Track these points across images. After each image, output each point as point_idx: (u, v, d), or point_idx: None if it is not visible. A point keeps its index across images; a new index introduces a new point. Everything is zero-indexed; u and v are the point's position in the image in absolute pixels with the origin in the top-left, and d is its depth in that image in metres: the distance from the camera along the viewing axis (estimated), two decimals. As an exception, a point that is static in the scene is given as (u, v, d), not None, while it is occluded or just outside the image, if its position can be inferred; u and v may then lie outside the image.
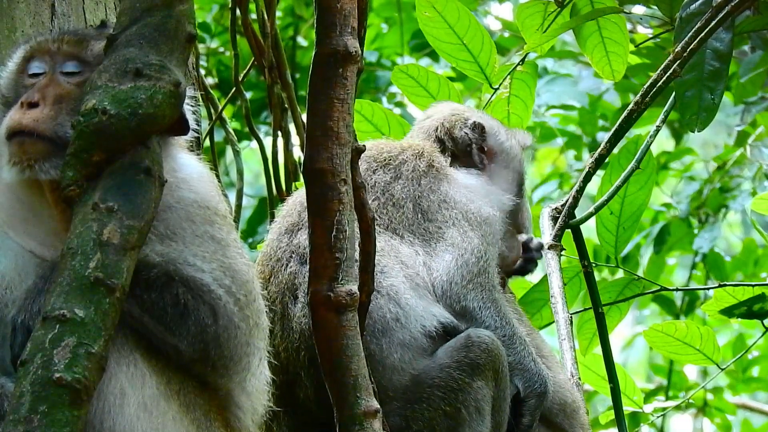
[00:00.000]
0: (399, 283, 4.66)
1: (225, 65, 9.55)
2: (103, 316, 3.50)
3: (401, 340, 4.63)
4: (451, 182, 5.07)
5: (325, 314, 3.99)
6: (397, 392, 4.60)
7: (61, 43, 3.99)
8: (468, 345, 4.63)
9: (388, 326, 4.60)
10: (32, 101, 3.85)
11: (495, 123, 5.41)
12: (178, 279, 3.78)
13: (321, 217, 3.99)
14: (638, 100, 5.58)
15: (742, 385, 10.36)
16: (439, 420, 4.58)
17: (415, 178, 5.01)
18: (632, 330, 13.40)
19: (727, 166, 9.67)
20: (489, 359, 4.61)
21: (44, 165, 3.80)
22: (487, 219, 4.99)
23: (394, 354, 4.61)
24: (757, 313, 5.73)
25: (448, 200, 4.98)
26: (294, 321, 4.68)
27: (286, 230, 4.92)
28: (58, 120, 3.82)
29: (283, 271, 4.78)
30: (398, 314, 4.64)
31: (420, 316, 4.66)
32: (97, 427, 3.63)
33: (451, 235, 4.88)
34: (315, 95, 4.02)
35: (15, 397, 3.42)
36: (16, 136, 3.83)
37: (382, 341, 4.58)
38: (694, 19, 5.41)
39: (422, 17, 5.82)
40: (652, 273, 9.42)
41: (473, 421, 4.59)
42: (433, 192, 5.00)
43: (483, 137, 5.29)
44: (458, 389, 4.59)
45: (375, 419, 3.95)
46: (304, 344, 4.64)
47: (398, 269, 4.67)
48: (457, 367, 4.60)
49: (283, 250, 4.85)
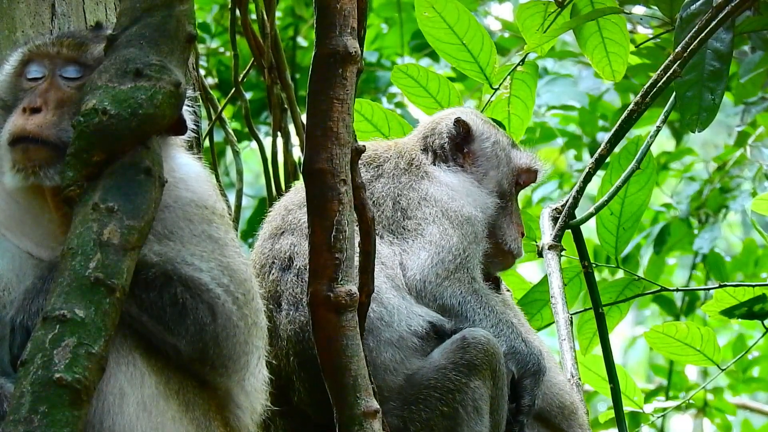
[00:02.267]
0: (380, 283, 4.62)
1: (225, 65, 9.54)
2: (103, 317, 3.50)
3: (389, 339, 4.61)
4: (432, 180, 5.02)
5: (324, 314, 3.99)
6: (392, 393, 4.59)
7: (60, 46, 3.98)
8: (464, 346, 4.62)
9: (373, 325, 4.59)
10: (35, 106, 3.84)
11: (487, 129, 5.30)
12: (176, 278, 3.78)
13: (321, 218, 3.99)
14: (638, 100, 5.57)
15: (742, 385, 10.37)
16: (436, 421, 4.58)
17: (396, 176, 4.99)
18: (633, 330, 13.41)
19: (727, 167, 9.67)
20: (486, 359, 4.60)
21: (49, 171, 3.80)
22: (469, 218, 4.94)
23: (384, 353, 4.60)
24: (758, 313, 5.73)
25: (428, 198, 4.93)
26: (280, 329, 4.67)
27: (270, 235, 4.90)
28: (62, 125, 3.81)
29: (266, 278, 4.76)
30: (382, 313, 4.62)
31: (405, 316, 4.65)
32: (97, 426, 3.63)
33: (429, 233, 4.84)
34: (315, 95, 4.02)
35: (15, 398, 3.42)
36: (19, 143, 3.82)
37: (369, 340, 4.57)
38: (694, 19, 5.41)
39: (422, 17, 5.82)
40: (653, 273, 9.41)
41: (471, 421, 4.59)
42: (413, 190, 4.96)
43: (467, 138, 5.23)
44: (455, 390, 4.58)
45: (375, 419, 3.95)
46: (292, 350, 4.65)
47: (378, 269, 4.65)
48: (454, 368, 4.59)
49: (266, 256, 4.83)
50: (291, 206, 4.94)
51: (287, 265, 4.77)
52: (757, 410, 11.93)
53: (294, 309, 4.67)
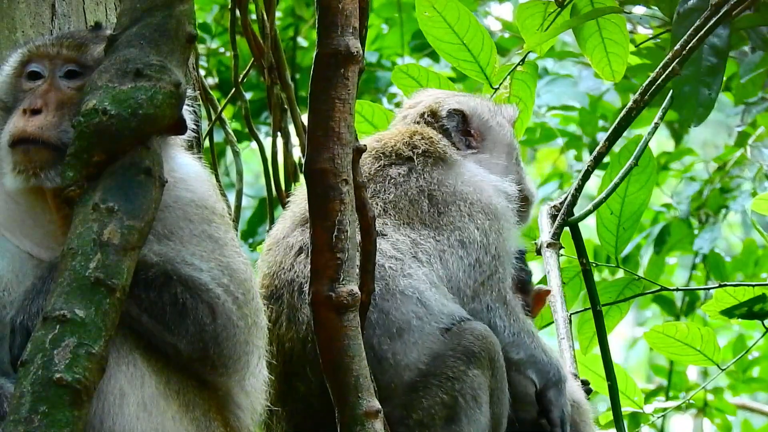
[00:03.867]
0: (419, 283, 4.65)
1: (225, 66, 9.55)
2: (103, 317, 3.51)
3: (419, 338, 4.61)
4: (459, 173, 5.01)
5: (326, 314, 3.99)
6: (405, 388, 4.60)
7: (60, 47, 3.97)
8: (459, 332, 4.62)
9: (409, 325, 4.59)
10: (35, 108, 3.84)
11: (476, 103, 5.31)
12: (176, 278, 3.78)
13: (322, 218, 3.99)
14: (637, 98, 5.58)
15: (742, 385, 10.36)
16: (436, 409, 4.58)
17: (427, 171, 4.98)
18: (633, 330, 13.42)
19: (727, 167, 9.67)
20: (483, 345, 4.60)
21: (50, 173, 3.80)
22: (498, 209, 4.94)
23: (411, 354, 4.61)
24: (758, 313, 5.73)
25: (458, 193, 4.94)
26: (301, 312, 4.66)
27: (293, 224, 4.88)
28: (62, 127, 3.81)
29: (294, 263, 4.75)
30: (419, 313, 4.63)
31: (438, 313, 4.65)
32: (97, 427, 3.63)
33: (467, 230, 4.86)
34: (316, 95, 4.02)
35: (15, 398, 3.43)
36: (20, 144, 3.82)
37: (398, 342, 4.57)
38: (692, 14, 5.41)
39: (422, 17, 5.82)
40: (653, 273, 9.42)
41: (470, 410, 4.59)
42: (444, 185, 4.95)
43: (466, 121, 5.24)
44: (454, 377, 4.58)
45: (376, 420, 3.95)
46: (310, 336, 4.62)
47: (416, 266, 4.66)
48: (452, 355, 4.60)
49: (293, 242, 4.81)
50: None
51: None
52: (758, 410, 11.93)
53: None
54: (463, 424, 4.59)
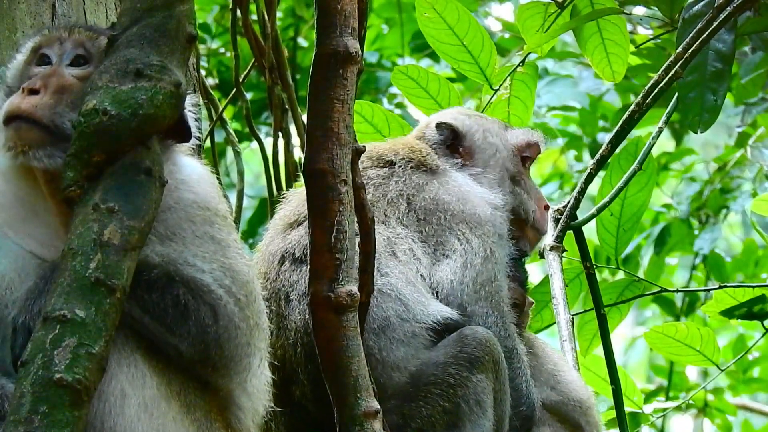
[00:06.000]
0: (396, 281, 4.65)
1: (225, 66, 9.55)
2: (103, 317, 3.50)
3: (403, 336, 4.61)
4: (443, 183, 5.03)
5: (325, 315, 3.99)
6: (395, 390, 4.59)
7: (71, 32, 3.98)
8: (461, 339, 4.62)
9: (389, 322, 4.60)
10: (33, 88, 3.84)
11: (473, 122, 5.31)
12: (178, 279, 3.78)
13: (321, 218, 3.99)
14: (639, 101, 5.58)
15: (742, 385, 10.36)
16: (438, 417, 4.57)
17: (408, 175, 4.99)
18: (633, 331, 13.41)
19: (727, 167, 9.68)
20: (487, 350, 4.60)
21: (38, 152, 3.78)
22: (484, 219, 4.94)
23: (396, 352, 4.61)
24: (758, 314, 5.73)
25: (440, 202, 4.95)
26: (289, 319, 4.67)
27: (283, 228, 4.90)
28: (57, 109, 3.80)
29: (279, 270, 4.77)
30: (398, 310, 4.63)
31: (421, 312, 4.65)
32: (98, 427, 3.63)
33: (452, 240, 4.87)
34: (315, 96, 4.03)
35: (15, 398, 3.42)
36: (13, 121, 3.81)
37: (382, 338, 4.57)
38: (696, 20, 5.41)
39: (422, 18, 5.82)
40: (653, 274, 9.42)
41: (473, 415, 4.58)
42: (425, 191, 4.97)
43: (456, 137, 5.23)
44: (456, 384, 4.58)
45: (375, 420, 3.95)
46: (300, 341, 4.63)
47: (393, 265, 4.66)
48: (454, 362, 4.59)
49: (278, 248, 4.83)
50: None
51: (300, 257, 4.76)
52: (758, 411, 11.93)
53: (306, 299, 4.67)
54: (467, 429, 4.59)
